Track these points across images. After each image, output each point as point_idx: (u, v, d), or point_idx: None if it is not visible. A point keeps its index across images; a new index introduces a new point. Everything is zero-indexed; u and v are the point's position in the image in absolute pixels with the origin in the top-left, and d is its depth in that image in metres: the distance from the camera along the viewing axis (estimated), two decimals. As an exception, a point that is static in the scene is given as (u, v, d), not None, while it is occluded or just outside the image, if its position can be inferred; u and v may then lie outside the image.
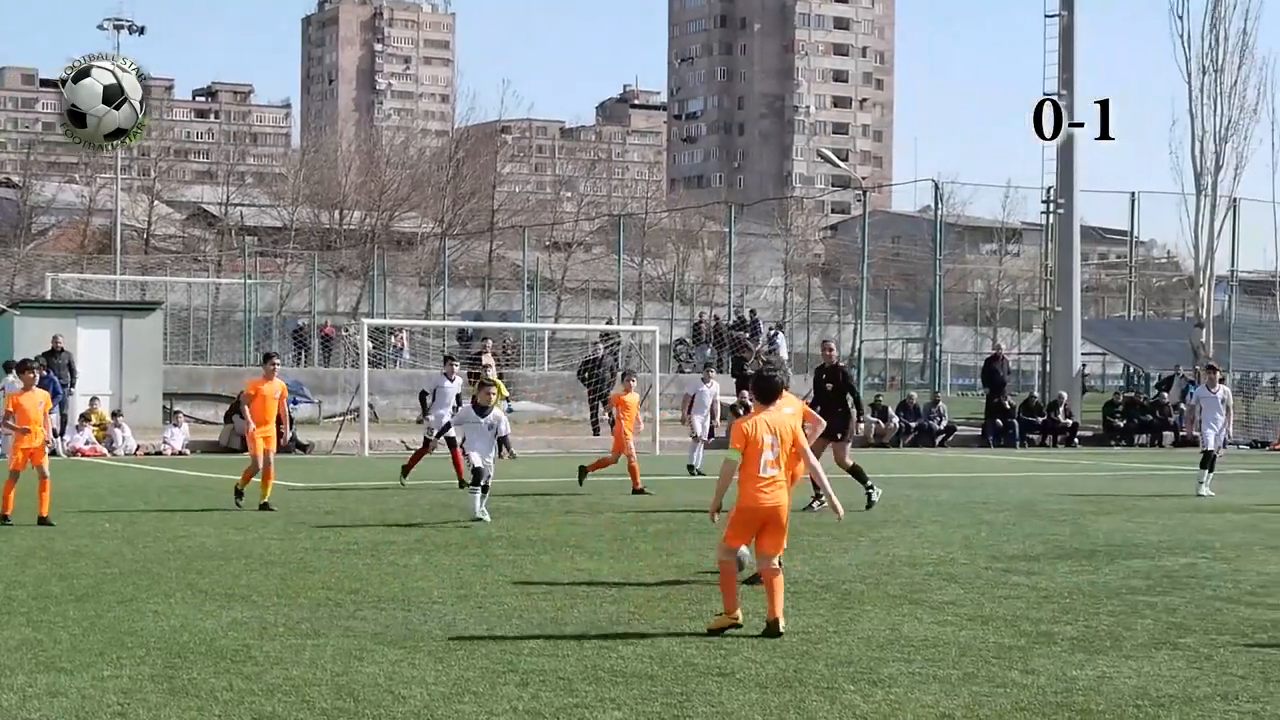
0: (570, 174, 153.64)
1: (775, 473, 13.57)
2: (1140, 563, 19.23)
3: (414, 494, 28.35)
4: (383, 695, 11.10)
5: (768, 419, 13.73)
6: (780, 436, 13.60)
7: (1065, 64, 58.55)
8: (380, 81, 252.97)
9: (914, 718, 10.61)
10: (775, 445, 13.55)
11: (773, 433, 13.58)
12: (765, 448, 13.52)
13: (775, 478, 13.58)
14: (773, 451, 13.54)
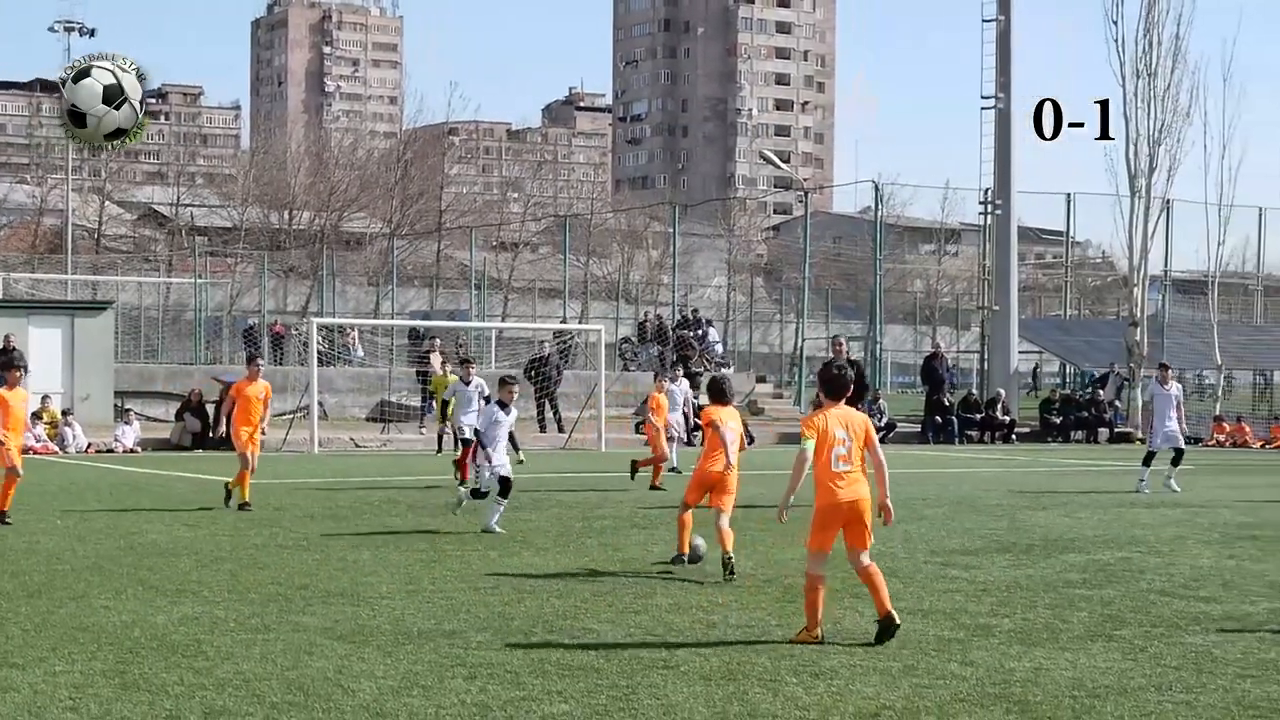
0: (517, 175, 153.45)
1: (849, 467, 13.03)
2: (1076, 557, 19.31)
3: (363, 491, 28.30)
4: (332, 689, 11.08)
5: (838, 413, 13.23)
6: (852, 431, 13.11)
7: (1003, 67, 58.79)
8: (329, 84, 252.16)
9: (855, 709, 10.64)
10: (848, 440, 13.05)
11: (844, 427, 13.10)
12: (836, 442, 13.03)
13: (849, 472, 13.03)
14: (844, 446, 13.04)
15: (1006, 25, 58.59)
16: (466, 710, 10.48)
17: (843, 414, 13.23)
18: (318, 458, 40.10)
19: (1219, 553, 19.98)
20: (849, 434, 13.06)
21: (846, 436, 13.04)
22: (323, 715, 10.34)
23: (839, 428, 13.07)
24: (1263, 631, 13.87)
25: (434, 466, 34.94)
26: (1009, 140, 58.87)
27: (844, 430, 13.06)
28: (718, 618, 14.25)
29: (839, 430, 13.05)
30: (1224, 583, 17.06)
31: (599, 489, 29.36)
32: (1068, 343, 67.97)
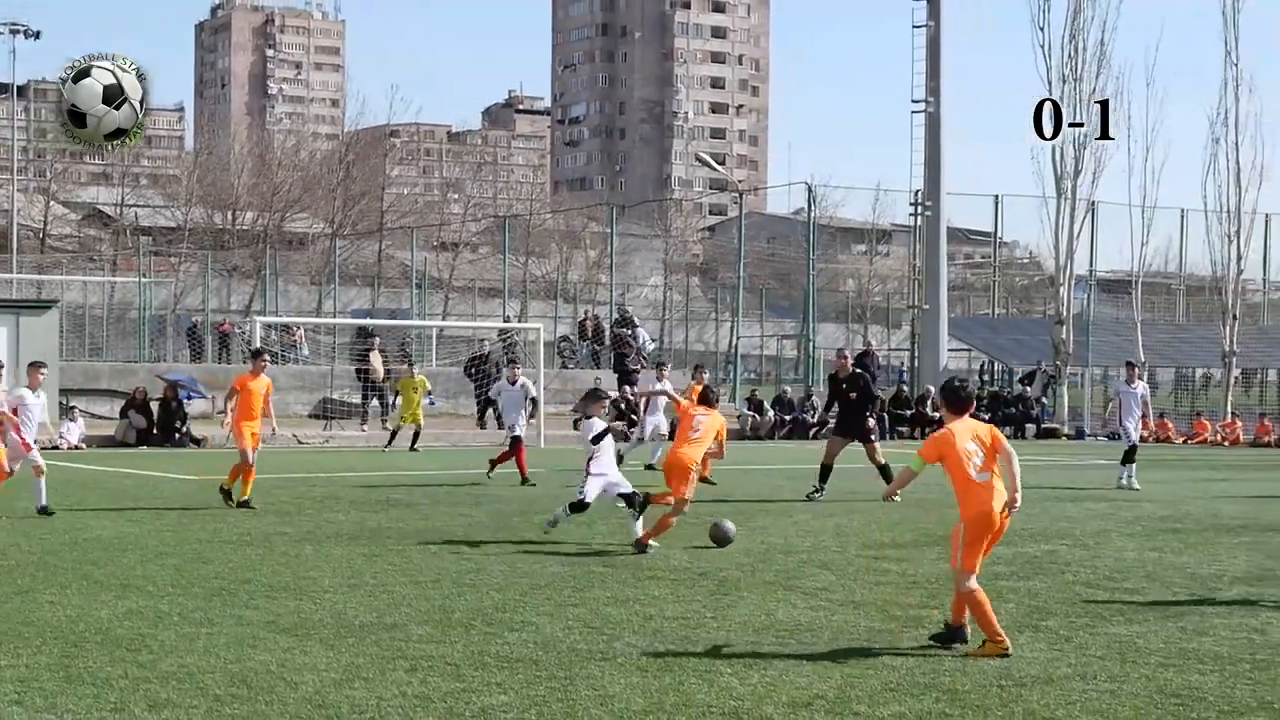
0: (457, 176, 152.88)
1: (987, 476, 12.65)
2: (1003, 549, 19.35)
3: (306, 487, 28.23)
4: (275, 681, 11.04)
5: (962, 426, 12.87)
6: (979, 441, 12.74)
7: (933, 72, 59.04)
8: (272, 86, 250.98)
9: (788, 699, 10.66)
10: (978, 451, 12.67)
11: (973, 439, 12.75)
12: (971, 454, 12.66)
13: (988, 481, 12.65)
14: (978, 458, 12.67)
15: (936, 31, 58.83)
16: (407, 702, 10.46)
17: (968, 427, 12.93)
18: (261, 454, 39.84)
19: (1142, 545, 20.12)
20: (979, 445, 12.75)
21: (977, 447, 12.73)
22: (265, 707, 10.30)
23: (969, 440, 12.76)
24: (1184, 622, 13.96)
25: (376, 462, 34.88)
26: (939, 143, 59.13)
27: (973, 442, 12.75)
28: (654, 610, 14.25)
29: (969, 443, 12.73)
30: (1147, 574, 17.17)
31: (538, 485, 29.29)
32: (996, 341, 68.30)
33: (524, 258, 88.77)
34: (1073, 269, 61.26)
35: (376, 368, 49.07)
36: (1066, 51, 59.55)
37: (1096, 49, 59.54)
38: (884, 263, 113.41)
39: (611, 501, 19.98)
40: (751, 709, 10.36)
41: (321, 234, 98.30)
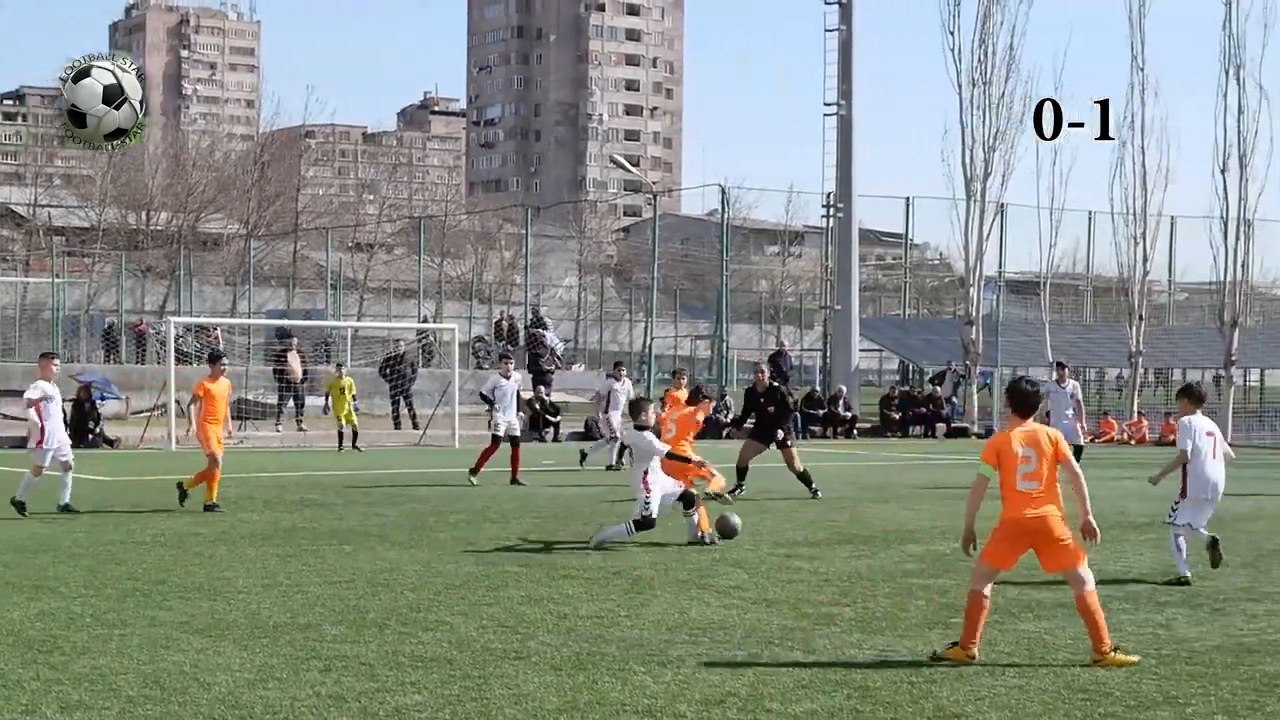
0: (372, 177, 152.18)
1: (1034, 485, 12.35)
2: (914, 547, 19.49)
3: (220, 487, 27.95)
4: (189, 682, 10.96)
5: (1022, 431, 12.51)
6: (1037, 447, 12.41)
7: (844, 75, 59.26)
8: (186, 87, 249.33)
9: (701, 697, 10.66)
10: (1031, 457, 12.37)
11: (1027, 444, 12.42)
12: (1020, 461, 12.39)
13: (1034, 491, 12.37)
14: (1029, 465, 12.37)
15: (848, 35, 59.07)
16: (321, 702, 10.40)
17: (1028, 431, 12.54)
18: (175, 454, 39.65)
19: (1050, 543, 20.21)
20: (1033, 449, 12.41)
21: (1031, 453, 12.39)
22: (179, 708, 10.22)
23: (1022, 445, 12.43)
24: (1092, 618, 14.05)
25: (291, 462, 34.70)
26: (850, 145, 59.38)
27: (1026, 447, 12.42)
28: (568, 609, 14.24)
29: (1021, 448, 12.41)
30: (1055, 572, 17.27)
31: (452, 484, 29.25)
32: (907, 341, 68.62)
33: (439, 259, 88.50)
34: (982, 270, 61.62)
35: (294, 368, 48.84)
36: (976, 55, 59.90)
37: (1006, 53, 59.91)
38: (796, 264, 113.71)
39: (671, 508, 19.50)
40: (665, 707, 10.36)
41: (236, 235, 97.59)
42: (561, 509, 24.40)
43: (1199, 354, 70.40)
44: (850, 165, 59.49)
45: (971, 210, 60.40)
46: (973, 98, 59.81)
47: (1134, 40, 59.63)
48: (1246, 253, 57.79)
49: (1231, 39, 56.26)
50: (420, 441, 45.95)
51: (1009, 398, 12.90)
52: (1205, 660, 12.10)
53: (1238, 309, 57.73)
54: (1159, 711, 10.39)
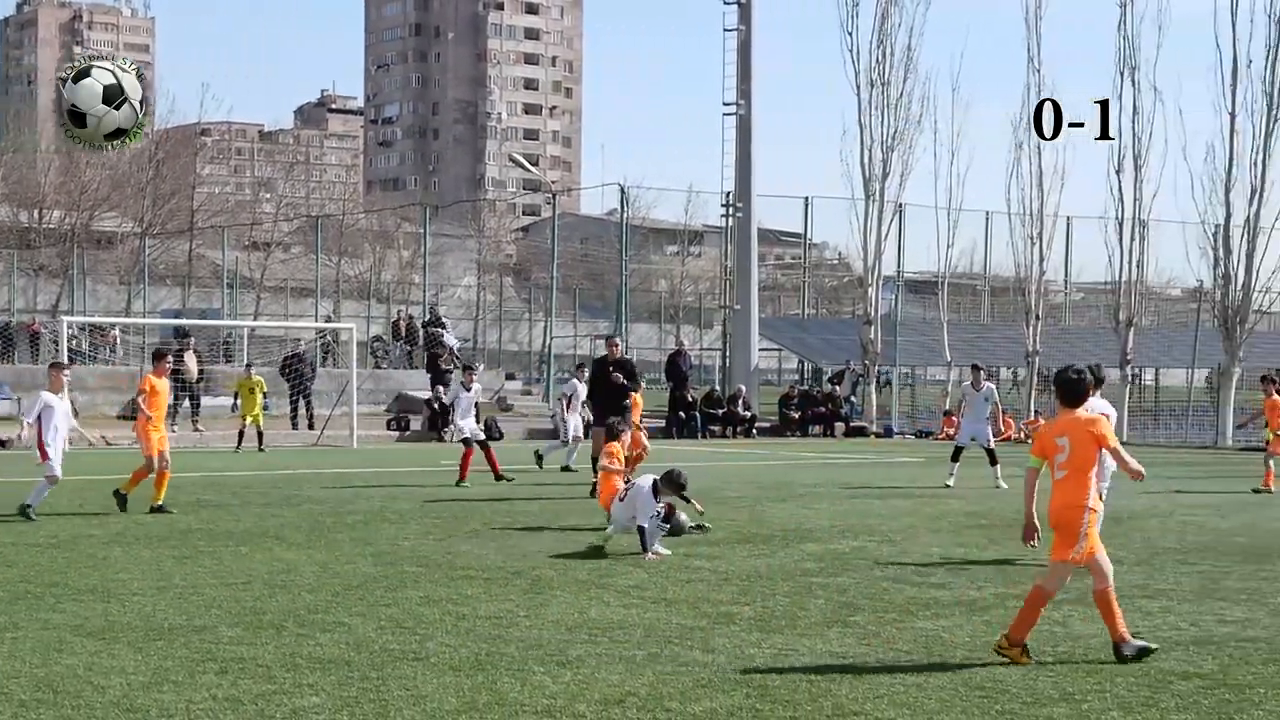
0: (269, 176, 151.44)
1: (1062, 475, 12.29)
2: (813, 546, 19.57)
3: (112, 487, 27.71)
4: (82, 686, 10.85)
5: (1064, 421, 12.53)
6: (1073, 439, 12.33)
7: (743, 75, 59.39)
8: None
9: (601, 696, 10.66)
10: (1066, 447, 12.34)
11: (1064, 434, 12.40)
12: (1057, 450, 12.41)
13: (1061, 480, 12.30)
14: (1064, 454, 12.33)
15: (747, 35, 59.20)
16: (218, 704, 10.32)
17: (1068, 421, 12.51)
18: (68, 455, 39.16)
19: (948, 541, 20.38)
20: (1069, 440, 12.37)
21: (1066, 443, 12.37)
22: (72, 712, 10.12)
23: (1060, 435, 12.44)
24: (989, 616, 14.16)
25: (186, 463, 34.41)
26: (749, 145, 59.51)
27: (1064, 437, 12.40)
28: (467, 609, 14.20)
29: (1060, 438, 12.43)
30: (953, 570, 17.40)
31: (351, 485, 29.13)
32: (806, 340, 68.90)
33: (337, 258, 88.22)
34: (881, 270, 61.97)
35: (191, 368, 48.46)
36: (875, 56, 60.27)
37: (904, 54, 60.32)
38: (696, 263, 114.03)
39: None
40: (564, 707, 10.35)
41: (131, 233, 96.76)
42: (460, 510, 24.34)
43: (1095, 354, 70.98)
44: (749, 165, 59.63)
45: (870, 210, 60.75)
46: (871, 98, 60.23)
47: (1031, 42, 60.12)
48: (1141, 253, 58.42)
49: (1126, 41, 56.85)
50: (318, 442, 45.74)
51: (1055, 388, 12.90)
52: (1101, 657, 12.20)
53: (1133, 309, 58.32)
54: (1056, 708, 10.48)
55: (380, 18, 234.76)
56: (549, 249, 68.70)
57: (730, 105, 59.84)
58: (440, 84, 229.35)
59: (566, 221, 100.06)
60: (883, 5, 60.32)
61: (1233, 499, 28.36)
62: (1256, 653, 12.48)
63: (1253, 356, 59.15)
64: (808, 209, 69.11)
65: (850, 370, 60.62)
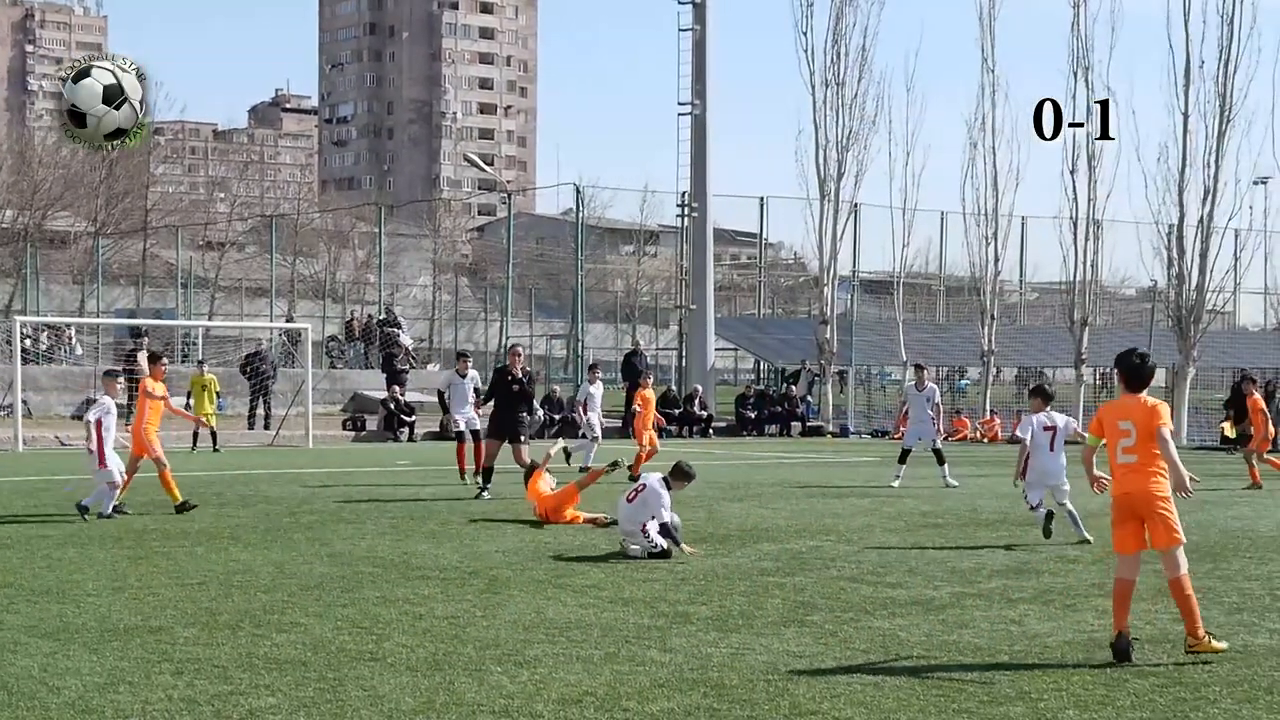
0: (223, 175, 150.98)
1: (1132, 459, 12.43)
2: (770, 546, 19.60)
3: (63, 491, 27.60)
4: (37, 687, 10.81)
5: (1125, 404, 12.66)
6: (1136, 422, 12.47)
7: (698, 75, 59.46)
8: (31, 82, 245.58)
9: (558, 696, 10.66)
10: (1132, 431, 12.46)
11: (1128, 418, 12.52)
12: (1121, 434, 12.52)
13: (1132, 464, 12.44)
14: (1130, 438, 12.46)
15: (702, 35, 59.27)
16: (174, 705, 10.29)
17: (1130, 404, 12.64)
18: (22, 456, 39.08)
19: (904, 540, 20.44)
20: (1133, 424, 12.51)
21: (1130, 427, 12.51)
22: (27, 713, 10.08)
23: (1123, 419, 12.56)
24: (945, 614, 14.20)
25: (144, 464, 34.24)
26: (704, 145, 59.58)
27: (1128, 421, 12.53)
28: (424, 610, 14.19)
29: (1123, 421, 12.55)
30: (909, 569, 17.44)
31: (306, 485, 29.07)
32: (762, 340, 68.97)
33: (292, 257, 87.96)
34: (836, 270, 62.11)
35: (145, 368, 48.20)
36: (829, 56, 60.43)
37: (859, 54, 60.48)
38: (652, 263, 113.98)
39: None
40: (522, 707, 10.35)
41: (84, 233, 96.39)
42: (417, 509, 24.32)
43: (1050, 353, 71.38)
44: (705, 165, 59.71)
45: (825, 210, 60.86)
46: (826, 98, 60.40)
47: (984, 42, 60.34)
48: (1095, 253, 58.66)
49: (1080, 41, 57.07)
50: (273, 442, 45.64)
51: (1119, 369, 12.99)
52: (1057, 656, 12.25)
53: (1087, 309, 58.56)
54: (1013, 706, 10.52)
55: (334, 16, 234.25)
56: (504, 249, 68.66)
57: (685, 105, 59.91)
58: (395, 83, 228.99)
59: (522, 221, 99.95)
60: (837, 6, 60.54)
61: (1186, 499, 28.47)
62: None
63: (1206, 356, 59.44)
64: (763, 209, 69.33)
65: (806, 370, 60.73)
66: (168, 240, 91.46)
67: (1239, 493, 29.77)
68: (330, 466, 34.91)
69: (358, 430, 50.12)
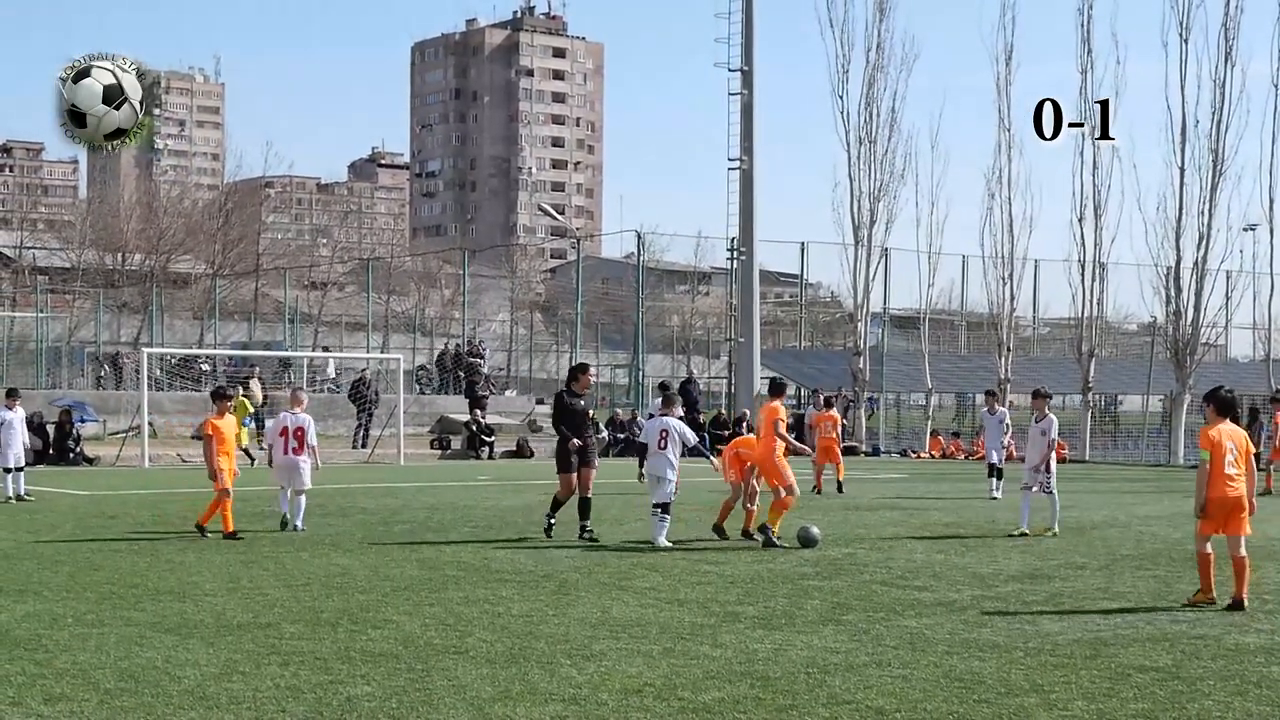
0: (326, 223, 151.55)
1: (1236, 471, 14.64)
2: (809, 553, 19.53)
3: (189, 501, 27.71)
4: (160, 676, 10.85)
5: (1228, 429, 14.82)
6: (1236, 445, 14.74)
7: (746, 134, 59.38)
8: (158, 141, 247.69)
9: (621, 686, 10.65)
10: (1234, 450, 14.68)
11: (1232, 439, 14.72)
12: (1227, 452, 14.64)
13: (1237, 475, 14.66)
14: (1232, 454, 14.67)
15: (750, 99, 59.21)
16: (280, 693, 10.32)
17: (1231, 430, 14.86)
18: (148, 471, 39.28)
19: (930, 548, 20.34)
20: (1235, 445, 14.74)
21: (1233, 447, 14.71)
22: (151, 699, 10.12)
23: (1229, 440, 14.72)
24: (966, 615, 14.13)
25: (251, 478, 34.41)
26: (751, 196, 59.47)
27: (1231, 442, 14.72)
28: (502, 609, 14.19)
29: (1228, 442, 14.70)
30: (934, 574, 17.35)
31: (398, 497, 29.13)
32: (802, 369, 68.77)
33: (386, 296, 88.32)
34: (869, 307, 61.96)
35: (256, 393, 48.48)
36: (863, 117, 60.35)
37: (889, 115, 60.41)
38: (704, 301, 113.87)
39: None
40: (588, 696, 10.34)
41: (203, 274, 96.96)
42: (495, 520, 24.34)
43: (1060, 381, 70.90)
44: (752, 213, 59.60)
45: (859, 254, 60.77)
46: (860, 154, 60.31)
47: (1001, 104, 60.09)
48: (1101, 292, 58.27)
49: (1087, 103, 56.76)
50: (369, 459, 45.73)
51: (1214, 403, 15.08)
52: (1067, 652, 12.17)
53: (1093, 341, 58.21)
54: (1027, 698, 10.45)
55: (424, 84, 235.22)
56: (574, 288, 68.72)
57: (734, 160, 59.82)
58: (477, 142, 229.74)
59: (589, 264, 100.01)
60: (870, 72, 60.45)
61: (1183, 511, 28.26)
62: (1206, 649, 12.44)
63: (1201, 384, 58.86)
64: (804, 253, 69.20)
65: (841, 396, 60.54)
66: (276, 281, 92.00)
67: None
68: (419, 481, 34.98)
69: (443, 449, 50.16)
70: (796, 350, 76.21)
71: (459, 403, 57.00)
